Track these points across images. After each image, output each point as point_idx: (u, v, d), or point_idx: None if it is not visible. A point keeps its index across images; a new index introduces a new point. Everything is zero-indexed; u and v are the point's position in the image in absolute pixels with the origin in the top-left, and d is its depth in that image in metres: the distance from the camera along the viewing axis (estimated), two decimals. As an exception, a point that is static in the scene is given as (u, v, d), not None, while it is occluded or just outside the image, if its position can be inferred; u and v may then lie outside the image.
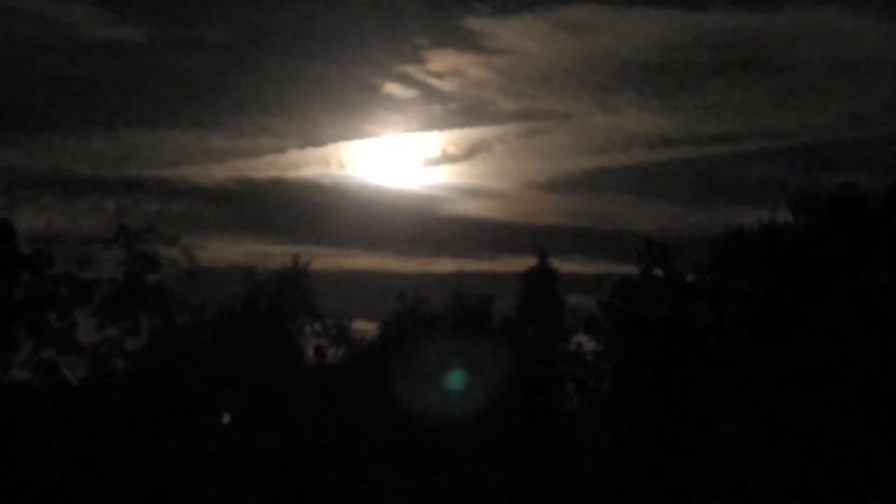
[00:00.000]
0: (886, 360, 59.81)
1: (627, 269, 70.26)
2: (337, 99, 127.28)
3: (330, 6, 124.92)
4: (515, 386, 66.58)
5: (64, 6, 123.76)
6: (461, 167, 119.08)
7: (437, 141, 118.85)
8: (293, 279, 69.51)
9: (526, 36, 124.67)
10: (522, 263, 74.78)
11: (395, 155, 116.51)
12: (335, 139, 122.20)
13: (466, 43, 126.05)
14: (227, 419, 66.80)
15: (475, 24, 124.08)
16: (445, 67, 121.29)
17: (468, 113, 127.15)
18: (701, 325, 66.71)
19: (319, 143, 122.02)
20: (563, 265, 74.67)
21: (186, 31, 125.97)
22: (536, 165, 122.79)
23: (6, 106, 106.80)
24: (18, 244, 65.25)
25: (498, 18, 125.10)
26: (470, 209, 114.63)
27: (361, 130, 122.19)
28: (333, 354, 70.18)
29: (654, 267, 69.19)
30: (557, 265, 74.26)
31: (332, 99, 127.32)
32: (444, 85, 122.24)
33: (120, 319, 65.97)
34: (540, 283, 72.85)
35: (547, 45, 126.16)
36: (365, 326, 71.64)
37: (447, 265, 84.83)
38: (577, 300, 73.68)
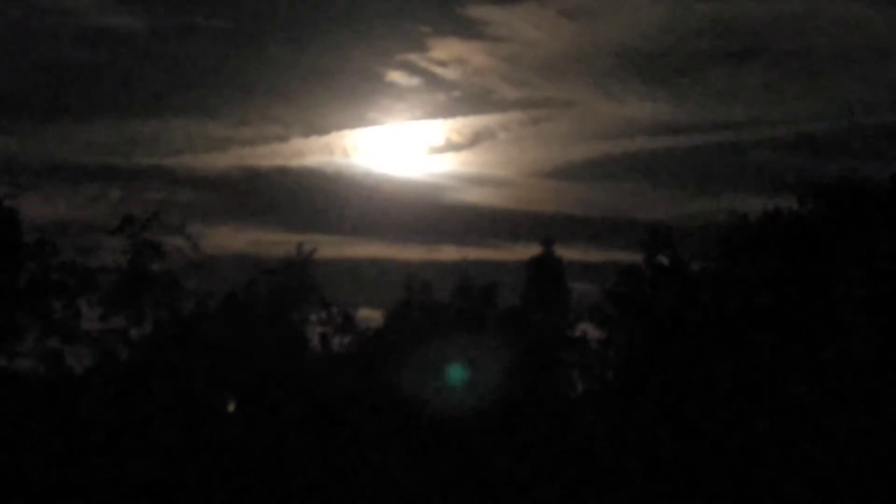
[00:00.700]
0: (893, 348, 59.80)
1: (631, 256, 70.33)
2: (340, 87, 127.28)
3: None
4: (520, 373, 66.54)
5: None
6: (465, 155, 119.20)
7: (440, 129, 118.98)
8: (298, 267, 69.51)
9: (529, 23, 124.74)
10: (526, 251, 74.80)
11: (398, 143, 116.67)
12: (339, 127, 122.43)
13: (470, 31, 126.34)
14: (231, 408, 66.83)
15: (478, 11, 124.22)
16: (449, 55, 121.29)
17: (471, 101, 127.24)
18: (705, 312, 66.65)
19: (323, 131, 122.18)
20: (566, 253, 74.72)
21: (189, 18, 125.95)
22: (540, 153, 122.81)
23: (9, 94, 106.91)
24: (23, 233, 65.21)
25: (501, 6, 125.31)
26: (473, 197, 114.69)
27: (365, 118, 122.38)
28: (339, 343, 70.24)
29: (658, 254, 69.14)
30: (561, 253, 74.33)
31: (335, 87, 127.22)
32: (447, 73, 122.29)
33: (124, 308, 65.91)
34: (545, 270, 72.80)
35: (550, 32, 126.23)
36: (369, 314, 71.75)
37: (451, 253, 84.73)
38: (580, 288, 73.77)
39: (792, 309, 62.58)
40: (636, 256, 69.68)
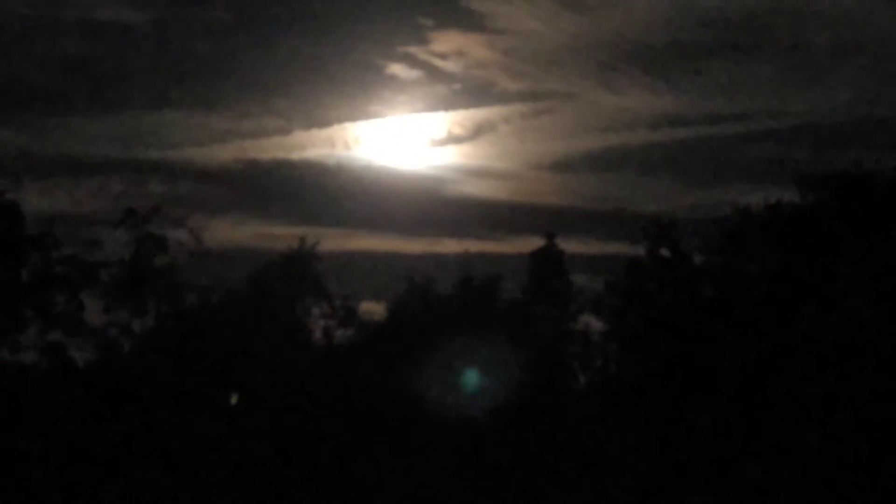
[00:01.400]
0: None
1: (633, 249, 70.29)
2: (341, 80, 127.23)
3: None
4: (523, 366, 66.57)
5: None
6: (466, 148, 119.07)
7: (441, 121, 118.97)
8: (301, 260, 69.52)
9: (530, 16, 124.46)
10: (527, 244, 74.82)
11: (400, 136, 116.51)
12: (340, 120, 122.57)
13: (470, 23, 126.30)
14: (234, 401, 66.84)
15: (478, 4, 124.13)
16: (449, 48, 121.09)
17: (473, 93, 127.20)
18: (708, 305, 66.67)
19: (324, 124, 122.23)
20: (568, 245, 74.70)
21: (190, 11, 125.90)
22: (541, 146, 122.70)
23: (11, 87, 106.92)
24: (26, 226, 65.22)
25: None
26: (475, 190, 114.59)
27: (366, 111, 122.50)
28: (341, 336, 70.26)
29: (660, 247, 69.12)
30: (562, 245, 74.31)
31: (336, 80, 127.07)
32: (448, 65, 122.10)
33: (127, 301, 65.98)
34: (547, 263, 72.80)
35: (551, 24, 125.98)
36: (370, 307, 71.76)
37: (452, 246, 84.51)
38: (581, 280, 73.77)
39: (795, 301, 62.57)
40: (638, 249, 69.72)
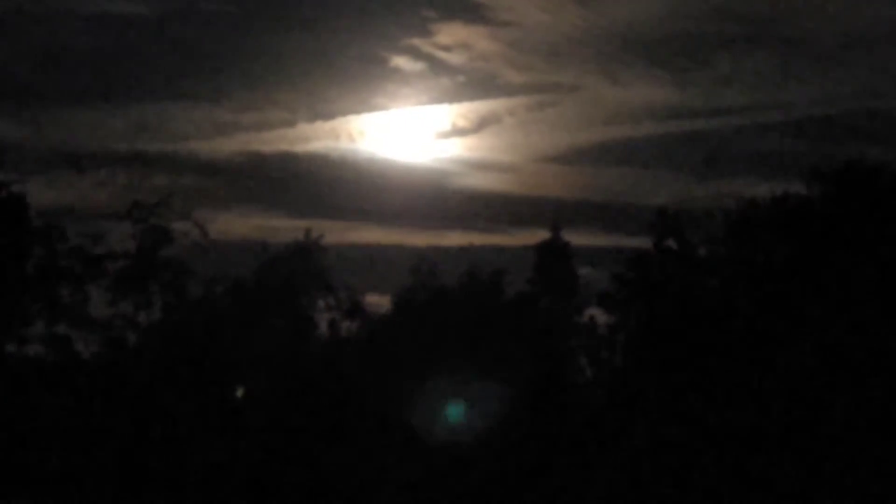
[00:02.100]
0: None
1: (637, 241, 70.34)
2: (345, 73, 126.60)
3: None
4: (529, 359, 66.54)
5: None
6: (470, 140, 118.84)
7: (446, 114, 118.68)
8: (306, 253, 69.47)
9: (534, 7, 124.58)
10: (532, 236, 74.91)
11: (404, 128, 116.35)
12: (344, 113, 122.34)
13: (474, 15, 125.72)
14: (240, 393, 66.84)
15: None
16: (453, 40, 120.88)
17: (477, 86, 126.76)
18: (713, 297, 66.63)
19: (328, 116, 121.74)
20: (573, 238, 74.79)
21: (195, 4, 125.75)
22: (546, 138, 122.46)
23: (15, 80, 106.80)
24: (31, 219, 65.15)
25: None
26: (479, 182, 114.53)
27: (370, 104, 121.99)
28: (347, 328, 70.25)
29: (666, 239, 69.09)
30: (567, 238, 74.34)
31: (340, 73, 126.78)
32: (451, 58, 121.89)
33: (132, 294, 65.93)
34: (553, 255, 72.80)
35: (555, 16, 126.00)
36: (375, 300, 71.75)
37: (457, 238, 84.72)
38: (587, 273, 73.79)
39: (801, 293, 62.52)
40: (643, 241, 69.79)
